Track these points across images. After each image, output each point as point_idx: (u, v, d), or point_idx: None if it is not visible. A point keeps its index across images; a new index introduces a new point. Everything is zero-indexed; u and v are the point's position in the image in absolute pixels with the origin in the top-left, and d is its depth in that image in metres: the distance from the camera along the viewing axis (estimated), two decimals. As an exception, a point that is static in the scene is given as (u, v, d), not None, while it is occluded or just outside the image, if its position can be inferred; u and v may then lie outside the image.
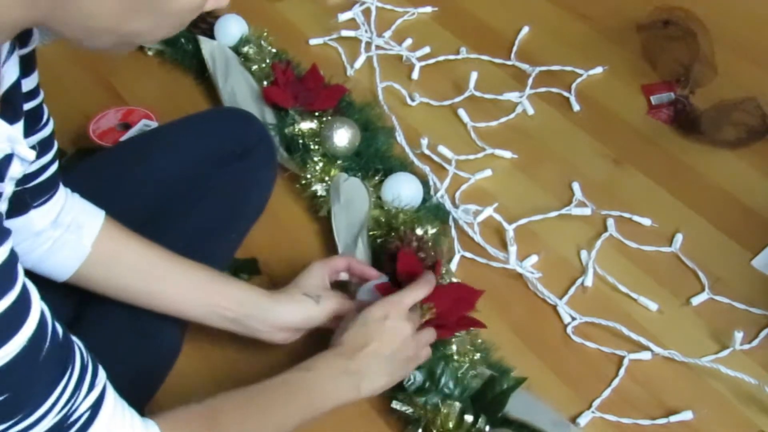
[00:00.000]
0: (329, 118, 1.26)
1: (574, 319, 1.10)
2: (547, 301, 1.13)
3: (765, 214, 1.23)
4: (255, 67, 1.37)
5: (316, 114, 1.27)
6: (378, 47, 1.52)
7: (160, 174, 1.00)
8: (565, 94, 1.42)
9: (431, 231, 1.11)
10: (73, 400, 0.59)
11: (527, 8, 1.59)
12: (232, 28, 1.43)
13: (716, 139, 1.31)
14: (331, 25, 1.56)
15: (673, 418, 1.00)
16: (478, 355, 1.00)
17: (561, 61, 1.46)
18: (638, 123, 1.38)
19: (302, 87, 1.32)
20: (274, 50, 1.41)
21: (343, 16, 1.57)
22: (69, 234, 0.84)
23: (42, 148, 0.77)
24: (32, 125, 0.74)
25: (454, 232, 1.20)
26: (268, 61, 1.38)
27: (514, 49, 1.50)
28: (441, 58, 1.48)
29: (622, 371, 1.05)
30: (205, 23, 1.45)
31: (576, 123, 1.38)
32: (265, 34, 1.43)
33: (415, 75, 1.46)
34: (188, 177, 1.01)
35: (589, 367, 1.06)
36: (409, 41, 1.53)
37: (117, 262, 0.87)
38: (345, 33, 1.54)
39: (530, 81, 1.43)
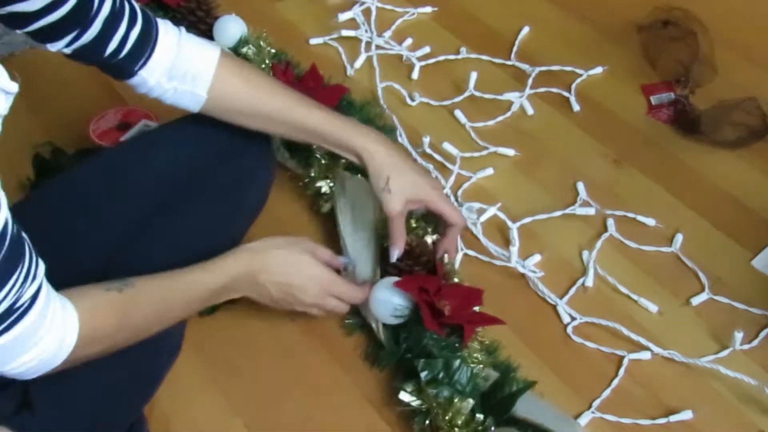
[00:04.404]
0: None
1: (574, 319, 1.10)
2: (547, 300, 1.13)
3: (765, 214, 1.22)
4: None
5: None
6: (378, 47, 1.52)
7: (159, 174, 1.00)
8: (565, 94, 1.42)
9: (432, 236, 1.12)
10: (21, 289, 0.67)
11: (527, 8, 1.59)
12: (231, 29, 1.42)
13: (716, 139, 1.31)
14: (331, 25, 1.56)
15: (673, 418, 1.00)
16: (484, 356, 1.00)
17: (561, 61, 1.46)
18: (638, 123, 1.38)
19: (302, 87, 1.31)
20: (273, 51, 1.41)
21: (343, 16, 1.57)
22: (184, 85, 0.95)
23: (105, 30, 0.86)
24: (76, 26, 0.83)
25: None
26: (267, 61, 1.38)
27: (514, 49, 1.50)
28: (441, 58, 1.49)
29: (621, 371, 1.05)
30: (205, 24, 1.45)
31: (576, 123, 1.38)
32: (265, 34, 1.43)
33: (415, 75, 1.46)
34: (186, 175, 1.01)
35: (589, 367, 1.06)
36: (409, 41, 1.53)
37: (232, 109, 0.98)
38: (345, 33, 1.54)
39: (530, 81, 1.43)
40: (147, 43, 0.91)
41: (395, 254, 1.04)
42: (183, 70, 0.94)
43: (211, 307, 1.12)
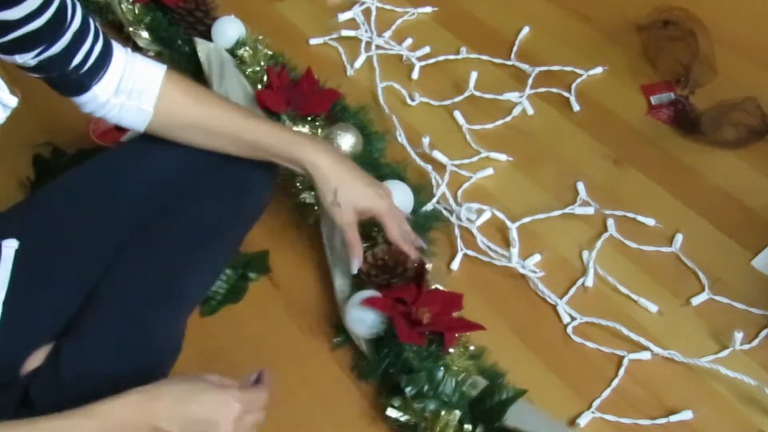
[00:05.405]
0: (322, 122, 1.26)
1: (574, 319, 1.10)
2: (547, 300, 1.13)
3: (765, 214, 1.23)
4: (250, 70, 1.36)
5: (309, 118, 1.26)
6: (378, 47, 1.52)
7: (159, 175, 1.00)
8: (565, 94, 1.42)
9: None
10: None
11: (527, 8, 1.59)
12: (229, 30, 1.41)
13: (716, 139, 1.31)
14: (331, 25, 1.56)
15: (673, 418, 1.00)
16: (470, 362, 1.00)
17: (561, 61, 1.46)
18: (638, 123, 1.37)
19: (296, 91, 1.31)
20: (270, 53, 1.39)
21: (343, 16, 1.57)
22: (130, 101, 0.94)
23: (74, 43, 0.87)
24: (50, 37, 0.84)
25: (456, 231, 1.20)
26: (262, 63, 1.37)
27: (514, 49, 1.50)
28: (441, 58, 1.49)
29: (621, 371, 1.05)
30: (203, 25, 1.44)
31: (576, 123, 1.38)
32: (262, 36, 1.42)
33: (415, 75, 1.46)
34: (186, 177, 1.01)
35: (589, 367, 1.06)
36: (409, 41, 1.53)
37: (177, 123, 0.98)
38: (345, 33, 1.54)
39: (530, 81, 1.43)
40: (105, 58, 0.91)
41: (355, 265, 1.04)
42: (130, 85, 0.94)
43: (211, 307, 1.13)
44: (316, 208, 1.19)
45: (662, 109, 1.39)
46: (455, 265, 1.17)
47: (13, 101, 0.65)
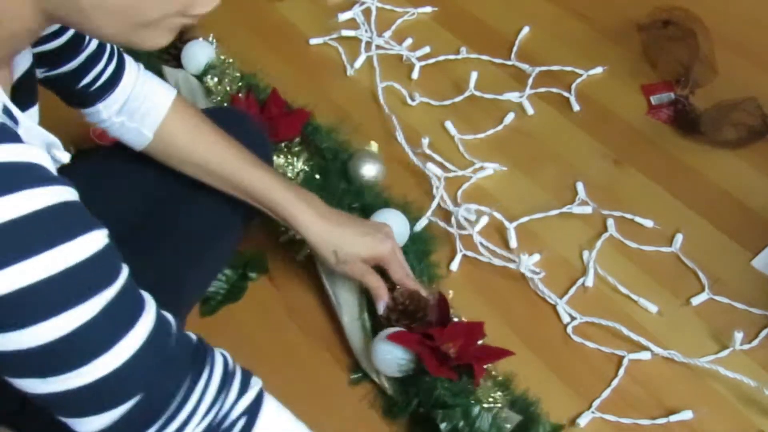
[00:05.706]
0: (298, 147, 1.24)
1: (574, 318, 1.10)
2: (547, 300, 1.13)
3: (765, 214, 1.23)
4: (218, 99, 1.32)
5: (283, 145, 1.23)
6: (378, 47, 1.52)
7: (158, 175, 1.00)
8: (565, 94, 1.42)
9: (418, 266, 1.10)
10: (219, 403, 0.58)
11: (527, 8, 1.59)
12: (198, 55, 1.37)
13: (716, 139, 1.31)
14: (331, 25, 1.56)
15: (673, 418, 1.00)
16: (499, 394, 0.96)
17: (561, 61, 1.46)
18: (638, 123, 1.37)
19: (264, 116, 1.26)
20: (239, 74, 1.35)
21: (343, 16, 1.57)
22: (132, 122, 0.93)
23: (86, 65, 0.86)
24: (62, 58, 0.84)
25: (456, 232, 1.20)
26: (228, 89, 1.32)
27: (514, 49, 1.50)
28: (441, 58, 1.48)
29: (621, 371, 1.05)
30: (175, 48, 1.40)
31: (576, 123, 1.38)
32: (232, 60, 1.37)
33: (415, 75, 1.46)
34: (184, 178, 1.01)
35: (589, 367, 1.06)
36: (409, 41, 1.53)
37: (172, 154, 0.96)
38: (345, 33, 1.54)
39: (530, 81, 1.43)
40: (115, 79, 0.91)
41: (381, 306, 1.03)
42: (135, 106, 0.93)
43: (211, 307, 1.13)
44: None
45: (662, 109, 1.39)
46: (455, 266, 1.17)
47: (66, 157, 0.66)
